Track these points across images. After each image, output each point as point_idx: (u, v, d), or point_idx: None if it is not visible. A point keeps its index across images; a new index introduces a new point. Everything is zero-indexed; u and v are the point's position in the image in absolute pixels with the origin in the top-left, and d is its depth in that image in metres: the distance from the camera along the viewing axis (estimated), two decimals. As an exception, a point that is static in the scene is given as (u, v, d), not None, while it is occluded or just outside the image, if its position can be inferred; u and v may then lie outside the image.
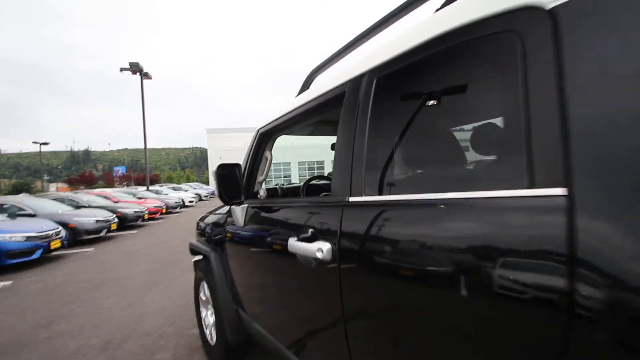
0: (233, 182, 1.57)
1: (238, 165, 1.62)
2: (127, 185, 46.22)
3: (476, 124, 1.12)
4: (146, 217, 11.23)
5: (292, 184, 2.66)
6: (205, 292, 2.24)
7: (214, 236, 2.06)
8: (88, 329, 2.95)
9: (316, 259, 0.98)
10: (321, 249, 0.95)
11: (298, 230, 1.12)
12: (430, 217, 0.72)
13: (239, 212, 1.63)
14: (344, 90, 1.06)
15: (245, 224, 1.62)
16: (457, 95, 0.86)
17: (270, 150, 1.81)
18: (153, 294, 3.85)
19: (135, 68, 17.28)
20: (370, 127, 0.92)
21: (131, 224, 10.33)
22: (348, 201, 0.95)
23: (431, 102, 0.85)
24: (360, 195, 0.92)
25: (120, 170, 50.19)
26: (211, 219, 2.20)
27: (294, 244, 1.09)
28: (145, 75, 17.84)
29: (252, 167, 1.79)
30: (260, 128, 1.73)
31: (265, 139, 1.75)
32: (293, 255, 1.11)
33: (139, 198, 13.74)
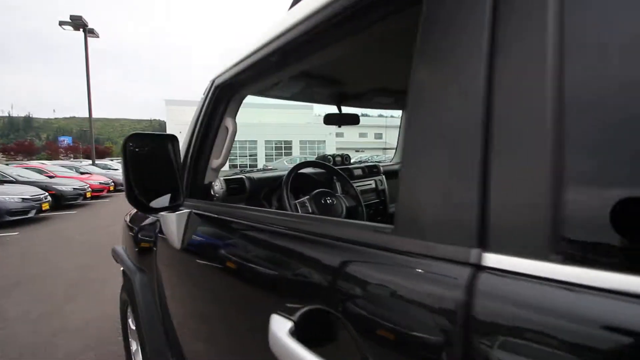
0: (162, 168, 0.87)
1: (173, 137, 0.90)
2: (75, 157, 42.03)
3: None
4: (89, 195, 9.88)
5: (268, 169, 1.85)
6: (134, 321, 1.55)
7: (140, 250, 1.35)
8: (-25, 356, 2.15)
9: None
10: None
11: (294, 305, 0.47)
12: None
13: (174, 222, 0.91)
14: None
15: (184, 246, 0.92)
16: None
17: (234, 118, 1.11)
18: (78, 299, 3.04)
19: (77, 22, 14.94)
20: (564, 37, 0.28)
21: (70, 203, 9.00)
22: (484, 265, 0.30)
23: None
24: (553, 259, 0.27)
25: (65, 140, 45.17)
26: (142, 220, 1.47)
27: (283, 342, 0.44)
28: (90, 32, 15.56)
29: (202, 144, 1.08)
30: (217, 77, 1.02)
31: (225, 96, 1.05)
32: None
33: (82, 173, 12.20)
